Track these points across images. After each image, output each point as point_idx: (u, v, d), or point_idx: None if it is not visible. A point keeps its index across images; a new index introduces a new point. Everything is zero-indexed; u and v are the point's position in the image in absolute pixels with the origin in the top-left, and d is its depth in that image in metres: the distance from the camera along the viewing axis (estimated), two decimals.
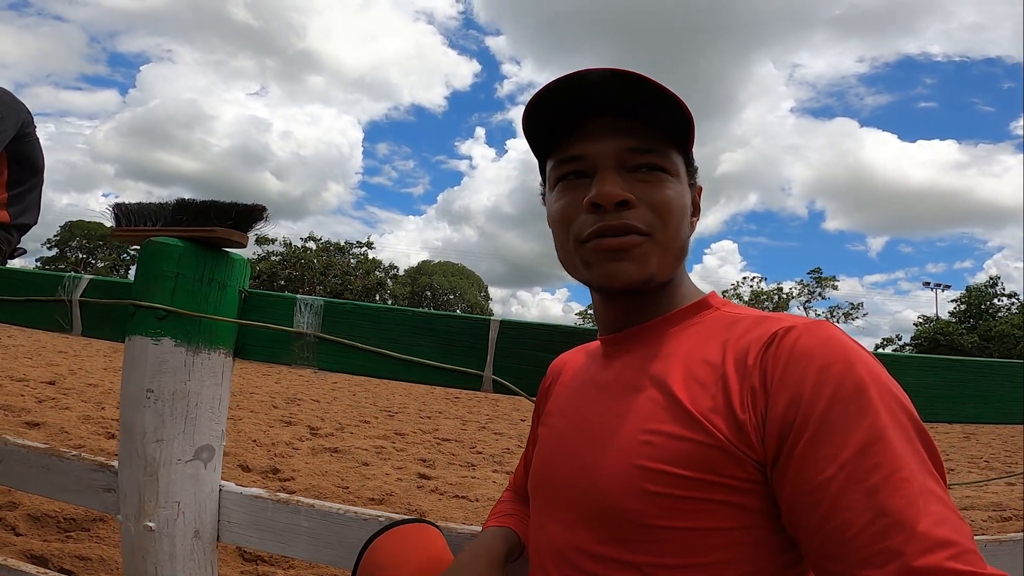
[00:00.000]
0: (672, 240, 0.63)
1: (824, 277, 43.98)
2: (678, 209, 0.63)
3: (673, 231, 0.62)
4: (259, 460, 4.17)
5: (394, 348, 0.93)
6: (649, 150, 0.62)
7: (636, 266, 0.61)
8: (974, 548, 0.44)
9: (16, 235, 1.69)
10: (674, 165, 0.64)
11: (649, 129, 0.62)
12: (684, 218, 0.64)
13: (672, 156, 0.64)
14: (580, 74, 0.61)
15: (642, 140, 0.62)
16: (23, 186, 1.68)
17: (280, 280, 40.42)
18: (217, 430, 0.94)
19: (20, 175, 1.66)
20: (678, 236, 0.63)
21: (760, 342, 0.55)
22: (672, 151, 0.64)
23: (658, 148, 0.63)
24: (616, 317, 0.69)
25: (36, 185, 1.73)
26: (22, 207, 1.68)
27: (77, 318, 1.06)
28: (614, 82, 0.60)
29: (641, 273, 0.61)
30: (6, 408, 4.54)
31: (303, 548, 0.90)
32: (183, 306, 0.90)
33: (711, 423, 0.53)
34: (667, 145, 0.63)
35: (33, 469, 1.04)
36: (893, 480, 0.46)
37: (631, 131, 0.62)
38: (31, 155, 1.69)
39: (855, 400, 0.49)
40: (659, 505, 0.53)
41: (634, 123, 0.62)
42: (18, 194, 1.67)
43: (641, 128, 0.62)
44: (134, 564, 0.88)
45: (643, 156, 0.62)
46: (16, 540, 2.23)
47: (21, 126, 1.62)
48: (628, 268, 0.61)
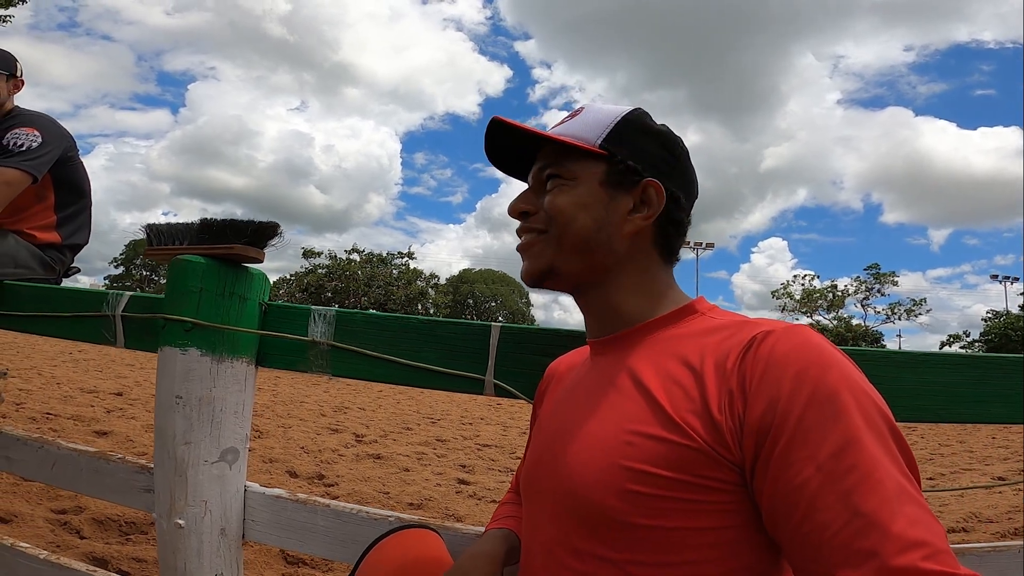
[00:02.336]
0: (563, 233, 0.68)
1: (883, 273, 41.92)
2: (570, 207, 0.68)
3: (562, 226, 0.68)
4: (306, 466, 4.32)
5: (401, 354, 0.98)
6: (549, 166, 0.71)
7: (531, 262, 0.71)
8: (947, 548, 0.45)
9: (69, 255, 1.83)
10: (572, 172, 0.69)
11: (555, 148, 0.71)
12: (579, 217, 0.68)
13: (572, 166, 0.70)
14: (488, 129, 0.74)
15: (546, 159, 0.72)
16: (71, 208, 1.81)
17: (327, 292, 41.65)
18: (241, 434, 1.01)
19: (67, 198, 1.80)
20: (570, 230, 0.68)
21: (739, 347, 0.57)
22: (571, 162, 0.70)
23: (555, 162, 0.71)
24: (592, 321, 0.73)
25: (84, 207, 1.87)
26: (73, 228, 1.82)
27: (120, 332, 1.15)
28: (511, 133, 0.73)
29: (537, 266, 0.71)
30: (77, 418, 4.87)
31: (320, 546, 0.95)
32: (207, 319, 0.97)
33: (688, 425, 0.55)
34: (566, 158, 0.70)
35: (84, 471, 1.13)
36: (868, 482, 0.47)
37: (544, 155, 0.73)
38: (76, 179, 1.82)
39: (830, 404, 0.50)
40: (639, 504, 0.55)
41: (548, 148, 0.72)
42: (67, 216, 1.80)
43: (552, 151, 0.72)
44: (166, 560, 0.95)
45: (545, 171, 0.72)
46: (80, 543, 2.39)
47: (64, 151, 1.75)
48: (526, 265, 0.72)
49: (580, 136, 0.69)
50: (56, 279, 1.80)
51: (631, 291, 0.69)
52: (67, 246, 1.80)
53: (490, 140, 0.75)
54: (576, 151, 0.69)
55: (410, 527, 0.83)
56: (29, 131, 1.67)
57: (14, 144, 1.64)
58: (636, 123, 0.70)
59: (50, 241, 1.75)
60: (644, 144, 0.70)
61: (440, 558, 0.78)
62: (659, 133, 0.71)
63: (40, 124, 1.71)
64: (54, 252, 1.76)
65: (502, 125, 0.72)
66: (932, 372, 0.96)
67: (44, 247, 1.73)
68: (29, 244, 1.69)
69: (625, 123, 0.70)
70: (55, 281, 1.79)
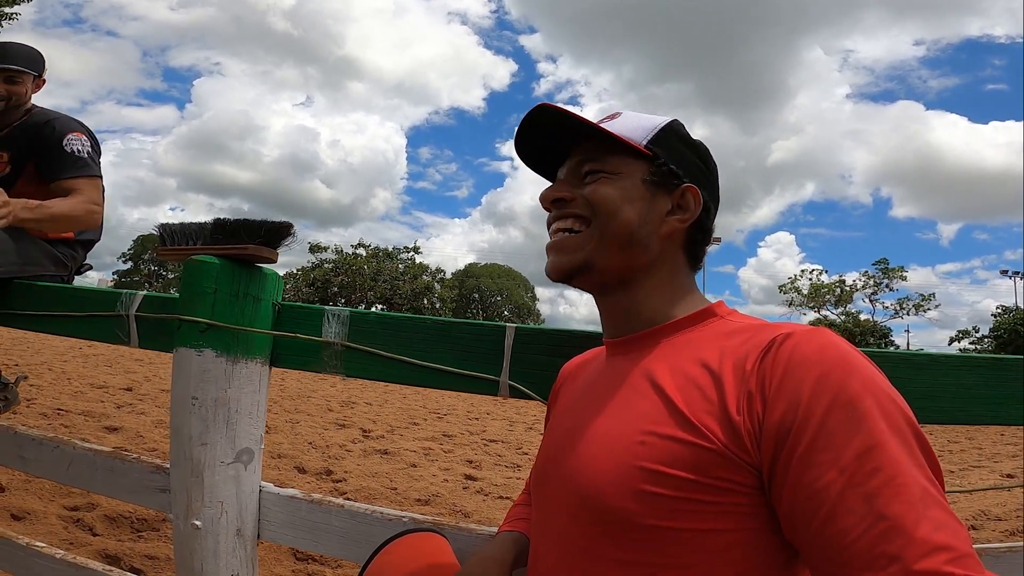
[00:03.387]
0: (607, 226, 0.67)
1: (891, 268, 41.60)
2: (613, 201, 0.68)
3: (607, 218, 0.68)
4: (314, 462, 4.34)
5: (415, 355, 0.98)
6: (590, 159, 0.71)
7: (567, 256, 0.69)
8: (972, 552, 0.45)
9: (81, 251, 1.83)
10: (615, 167, 0.69)
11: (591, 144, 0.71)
12: (625, 209, 0.67)
13: (612, 160, 0.70)
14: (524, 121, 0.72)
15: (584, 153, 0.71)
16: None
17: (333, 287, 41.79)
18: (256, 434, 1.01)
19: None
20: (614, 223, 0.67)
21: (759, 348, 0.56)
22: (612, 156, 0.69)
23: (596, 156, 0.70)
24: (612, 321, 0.72)
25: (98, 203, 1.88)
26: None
27: (134, 331, 1.15)
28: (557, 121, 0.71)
29: (573, 260, 0.69)
30: (87, 414, 4.91)
31: (335, 546, 0.96)
32: (222, 319, 0.97)
33: (705, 426, 0.54)
34: (609, 153, 0.70)
35: (99, 471, 1.14)
36: (892, 485, 0.46)
37: (582, 150, 0.72)
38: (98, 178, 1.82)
39: (853, 408, 0.49)
40: (652, 505, 0.54)
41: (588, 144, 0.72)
42: None
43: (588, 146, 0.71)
44: (183, 560, 0.95)
45: (586, 165, 0.71)
46: (93, 540, 2.41)
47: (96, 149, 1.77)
48: (559, 259, 0.70)
49: (626, 135, 0.69)
50: (68, 276, 1.80)
51: (656, 292, 0.69)
52: (79, 242, 1.81)
53: (525, 128, 0.73)
54: (620, 148, 0.69)
55: (417, 530, 0.83)
56: (78, 136, 1.71)
57: (79, 151, 1.68)
58: (678, 132, 0.73)
59: (63, 237, 1.76)
60: (684, 152, 0.72)
61: (447, 562, 0.78)
62: (697, 145, 0.74)
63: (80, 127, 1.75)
64: (66, 248, 1.76)
65: (547, 111, 0.70)
66: (950, 373, 0.95)
67: (56, 243, 1.74)
68: (42, 242, 1.69)
69: (668, 129, 0.72)
70: (68, 278, 1.80)
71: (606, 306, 0.73)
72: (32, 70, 1.75)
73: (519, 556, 0.76)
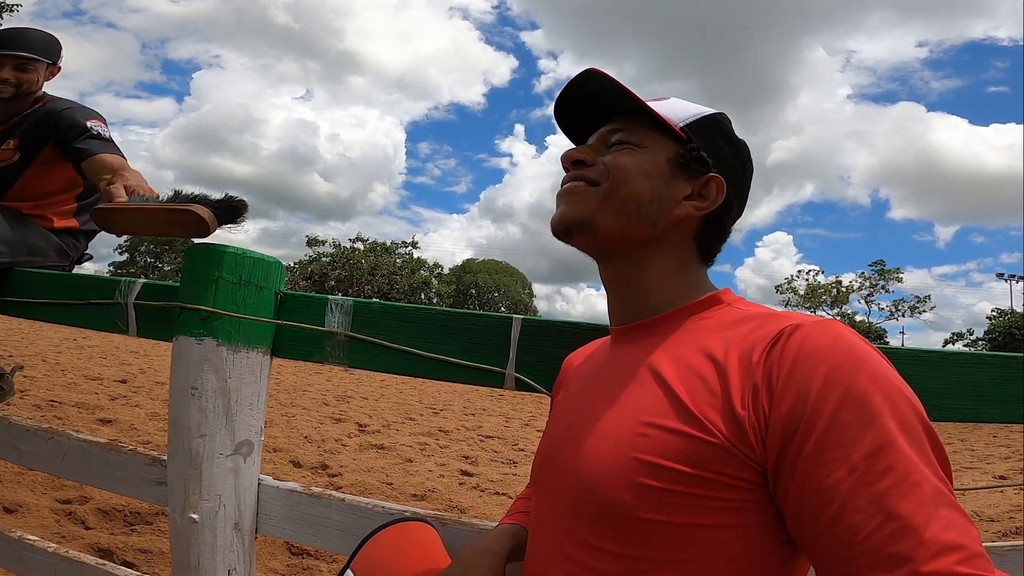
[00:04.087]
0: (616, 190, 0.66)
1: (887, 269, 41.77)
2: (633, 169, 0.66)
3: (618, 183, 0.66)
4: (309, 456, 4.33)
5: (420, 346, 0.96)
6: (620, 130, 0.70)
7: (570, 208, 0.68)
8: (983, 552, 0.44)
9: (84, 240, 1.80)
10: (641, 140, 0.68)
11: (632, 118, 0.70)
12: (637, 180, 0.66)
13: (643, 135, 0.68)
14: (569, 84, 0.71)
15: (618, 123, 0.71)
16: (92, 196, 1.78)
17: (330, 281, 41.69)
18: (256, 426, 0.99)
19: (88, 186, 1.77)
20: (625, 189, 0.66)
21: (766, 340, 0.54)
22: (649, 134, 0.68)
23: (627, 128, 0.69)
24: (619, 306, 0.70)
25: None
26: (89, 214, 1.79)
27: (132, 320, 1.13)
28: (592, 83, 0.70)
29: (574, 213, 0.68)
30: (81, 406, 4.88)
31: (334, 540, 0.94)
32: (223, 308, 0.95)
33: (708, 419, 0.53)
34: (641, 127, 0.69)
35: (95, 463, 1.12)
36: (903, 485, 0.45)
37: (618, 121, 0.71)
38: None
39: (864, 404, 0.48)
40: (650, 498, 0.53)
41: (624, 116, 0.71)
42: (87, 204, 1.78)
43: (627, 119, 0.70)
44: (179, 554, 0.94)
45: (615, 135, 0.70)
46: (85, 533, 2.39)
47: None
48: (562, 210, 0.69)
49: (665, 115, 0.68)
50: (69, 266, 1.78)
51: (661, 274, 0.67)
52: (83, 232, 1.79)
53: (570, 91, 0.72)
54: (654, 125, 0.68)
55: (406, 520, 0.82)
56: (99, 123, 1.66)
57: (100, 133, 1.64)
58: (721, 124, 0.71)
59: (67, 227, 1.73)
60: (721, 144, 0.70)
61: (436, 551, 0.77)
62: (738, 142, 0.72)
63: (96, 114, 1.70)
64: (70, 238, 1.74)
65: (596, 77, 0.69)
66: (960, 371, 0.94)
67: (60, 233, 1.71)
68: (46, 231, 1.67)
69: (711, 119, 0.70)
70: (68, 268, 1.77)
71: (609, 280, 0.71)
72: (45, 57, 1.68)
73: (516, 548, 0.74)
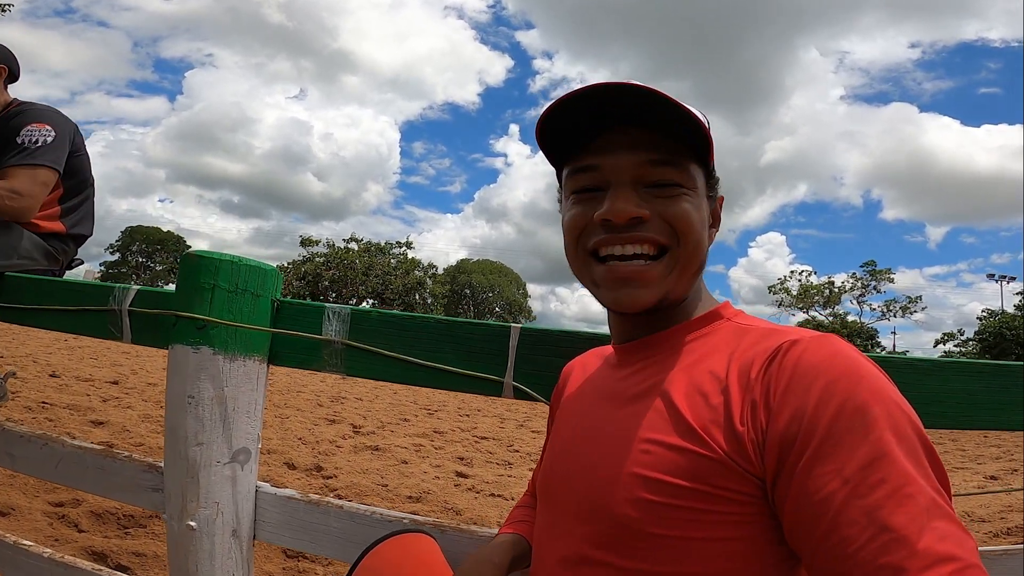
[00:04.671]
0: (692, 256, 0.62)
1: (879, 270, 42.05)
2: (697, 223, 0.62)
3: (693, 247, 0.62)
4: (304, 458, 4.31)
5: (418, 355, 0.96)
6: (666, 163, 0.61)
7: (647, 292, 0.62)
8: (978, 563, 0.44)
9: (72, 246, 1.79)
10: (692, 179, 0.62)
11: (668, 142, 0.61)
12: (703, 232, 0.63)
13: (691, 169, 0.62)
14: (597, 86, 0.60)
15: (660, 153, 0.61)
16: (76, 198, 1.77)
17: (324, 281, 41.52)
18: (253, 434, 0.99)
19: (73, 188, 1.76)
20: (698, 252, 0.63)
21: (764, 355, 0.55)
22: (691, 163, 0.63)
23: (675, 161, 0.61)
24: (627, 328, 0.70)
25: (88, 196, 1.83)
26: (76, 218, 1.78)
27: (127, 327, 1.13)
28: (632, 96, 0.59)
29: (651, 298, 0.62)
30: (73, 407, 4.84)
31: (332, 547, 0.94)
32: (220, 316, 0.95)
33: (709, 435, 0.54)
34: (685, 158, 0.62)
35: (89, 469, 1.11)
36: (896, 497, 0.45)
37: (649, 144, 0.61)
38: (81, 168, 1.79)
39: (859, 417, 0.48)
40: (654, 513, 0.54)
41: (652, 136, 0.61)
42: (71, 206, 1.77)
43: (660, 140, 0.61)
44: (177, 561, 0.93)
45: (660, 170, 0.61)
46: (78, 536, 2.37)
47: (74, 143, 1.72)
48: (639, 295, 0.62)
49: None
50: (60, 270, 1.77)
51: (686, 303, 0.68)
52: (71, 236, 1.77)
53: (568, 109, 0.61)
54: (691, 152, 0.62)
55: (406, 532, 0.82)
56: (40, 127, 1.63)
57: (30, 141, 1.61)
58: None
59: (54, 231, 1.72)
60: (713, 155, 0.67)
61: (436, 563, 0.77)
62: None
63: (49, 118, 1.68)
64: (57, 242, 1.73)
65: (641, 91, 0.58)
66: (955, 379, 0.95)
67: (48, 237, 1.70)
68: (33, 234, 1.66)
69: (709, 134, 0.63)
70: (58, 272, 1.76)
71: (628, 317, 0.68)
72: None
73: (516, 559, 0.75)
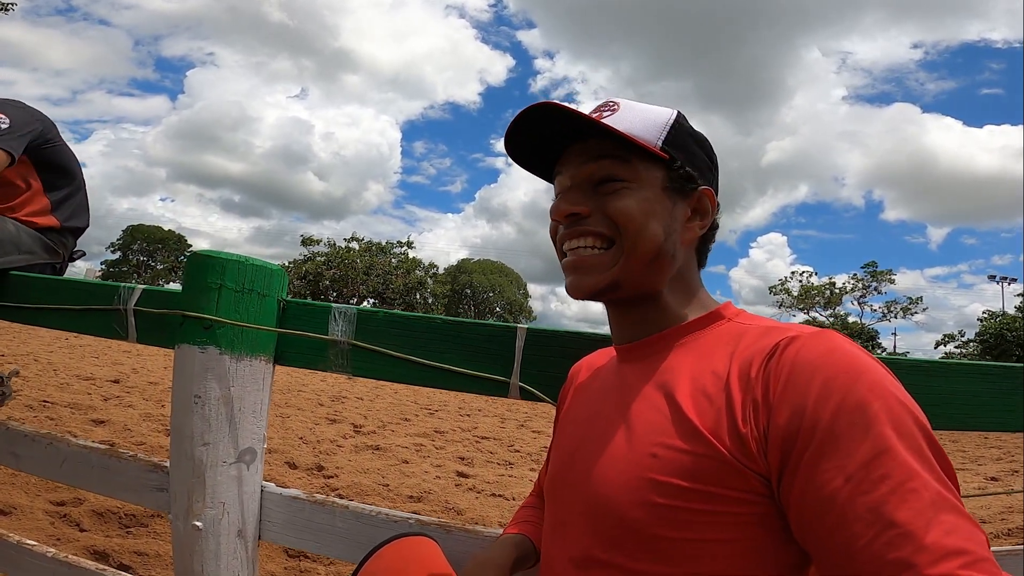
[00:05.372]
0: (636, 245, 0.64)
1: (880, 271, 42.04)
2: (639, 214, 0.64)
3: (635, 236, 0.64)
4: (305, 457, 4.31)
5: (424, 355, 0.96)
6: (610, 162, 0.65)
7: (590, 278, 0.65)
8: (989, 556, 0.44)
9: (71, 239, 1.78)
10: (637, 174, 0.65)
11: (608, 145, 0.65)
12: (651, 225, 0.64)
13: (637, 165, 0.65)
14: (526, 112, 0.65)
15: (593, 156, 0.65)
16: (63, 191, 1.75)
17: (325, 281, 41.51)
18: (259, 434, 0.99)
19: (55, 181, 1.73)
20: (644, 241, 0.64)
21: (763, 353, 0.55)
22: (638, 161, 0.65)
23: (618, 159, 0.65)
24: (624, 327, 0.71)
25: (77, 189, 1.81)
26: (69, 211, 1.77)
27: (132, 326, 1.13)
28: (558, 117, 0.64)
29: (595, 283, 0.65)
30: (74, 406, 4.84)
31: (338, 548, 0.94)
32: (226, 316, 0.95)
33: (715, 436, 0.54)
34: (634, 155, 0.64)
35: (94, 469, 1.11)
36: (900, 492, 0.45)
37: (598, 149, 0.66)
38: (60, 161, 1.76)
39: (861, 411, 0.48)
40: (663, 516, 0.54)
41: (604, 143, 0.65)
42: (60, 199, 1.75)
43: (610, 145, 0.65)
44: (182, 561, 0.93)
45: (604, 170, 0.65)
46: (80, 536, 2.37)
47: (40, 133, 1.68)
48: (583, 281, 0.66)
49: (637, 135, 0.65)
50: (62, 263, 1.76)
51: (674, 299, 0.68)
52: (67, 229, 1.76)
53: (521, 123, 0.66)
54: (635, 150, 0.65)
55: (408, 535, 0.82)
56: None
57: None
58: (686, 127, 0.69)
59: (49, 225, 1.71)
60: (695, 150, 0.68)
61: (439, 566, 0.77)
62: (704, 140, 0.71)
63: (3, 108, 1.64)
64: (55, 236, 1.72)
65: (552, 110, 0.63)
66: (961, 381, 0.95)
67: (45, 231, 1.70)
68: (29, 229, 1.65)
69: (679, 127, 0.67)
70: (61, 265, 1.76)
71: (619, 316, 0.71)
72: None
73: (520, 559, 0.75)
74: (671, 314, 0.67)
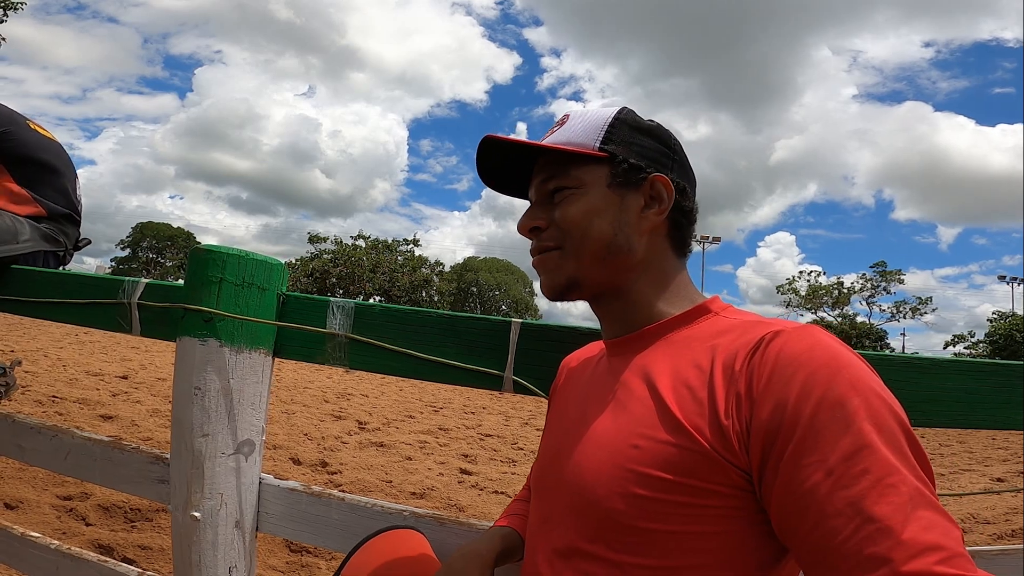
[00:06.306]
0: (582, 243, 0.67)
1: (889, 271, 41.72)
2: (582, 216, 0.67)
3: (580, 236, 0.67)
4: (309, 453, 4.34)
5: (420, 349, 0.97)
6: (549, 177, 0.70)
7: (550, 276, 0.70)
8: (964, 552, 0.44)
9: (70, 225, 1.74)
10: (577, 179, 0.68)
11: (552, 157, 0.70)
12: (595, 224, 0.67)
13: (573, 171, 0.69)
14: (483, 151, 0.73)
15: (547, 171, 0.71)
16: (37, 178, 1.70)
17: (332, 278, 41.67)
18: (257, 426, 1.00)
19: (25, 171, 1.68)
20: (588, 240, 0.67)
21: (747, 348, 0.56)
22: (574, 167, 0.68)
23: (559, 172, 0.69)
24: (607, 323, 0.72)
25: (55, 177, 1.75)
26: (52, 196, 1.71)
27: (136, 320, 1.14)
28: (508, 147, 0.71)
29: (557, 280, 0.69)
30: (83, 402, 4.90)
31: (334, 539, 0.95)
32: (226, 309, 0.96)
33: (696, 429, 0.55)
34: (572, 164, 0.68)
35: (98, 461, 1.13)
36: (879, 487, 0.46)
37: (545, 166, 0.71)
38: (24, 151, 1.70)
39: (840, 408, 0.49)
40: (643, 507, 0.55)
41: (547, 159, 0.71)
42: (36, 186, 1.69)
43: (550, 162, 0.70)
44: (181, 552, 0.95)
45: (549, 184, 0.70)
46: (86, 530, 2.41)
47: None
48: (545, 280, 0.70)
49: (576, 142, 0.68)
50: (67, 253, 1.75)
51: (649, 290, 0.69)
52: (63, 216, 1.73)
53: (483, 160, 0.74)
54: (576, 157, 0.68)
55: (396, 528, 0.83)
56: None
57: None
58: (627, 121, 0.70)
59: (35, 214, 1.67)
60: (640, 141, 0.70)
61: (425, 558, 0.78)
62: (651, 128, 0.72)
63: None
64: (51, 223, 1.69)
65: (494, 143, 0.70)
66: (954, 378, 0.95)
67: (39, 220, 1.65)
68: (25, 219, 1.61)
69: (617, 122, 0.70)
70: (67, 255, 1.75)
71: (601, 311, 0.73)
72: None
73: (506, 551, 0.76)
74: (650, 307, 0.68)
